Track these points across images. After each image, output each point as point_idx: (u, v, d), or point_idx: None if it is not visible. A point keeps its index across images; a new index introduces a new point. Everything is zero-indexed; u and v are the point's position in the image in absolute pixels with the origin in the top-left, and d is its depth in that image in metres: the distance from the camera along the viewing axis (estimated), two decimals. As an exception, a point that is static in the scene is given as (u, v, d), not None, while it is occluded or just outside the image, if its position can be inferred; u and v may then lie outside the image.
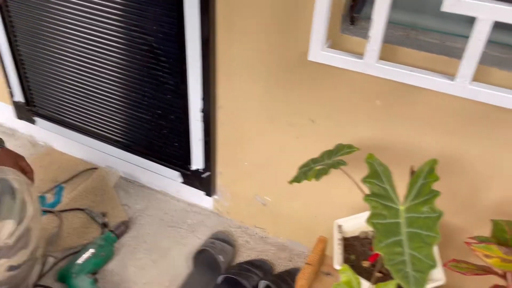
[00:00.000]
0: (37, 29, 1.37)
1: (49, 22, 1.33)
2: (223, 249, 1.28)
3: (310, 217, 1.26)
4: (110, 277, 1.25)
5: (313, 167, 0.87)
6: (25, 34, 1.42)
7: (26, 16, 1.37)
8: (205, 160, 1.31)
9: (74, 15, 1.26)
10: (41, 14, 1.33)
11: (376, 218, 0.70)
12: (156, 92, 1.26)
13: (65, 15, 1.28)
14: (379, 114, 0.99)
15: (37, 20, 1.35)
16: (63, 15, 1.28)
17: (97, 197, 1.47)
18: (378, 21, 0.81)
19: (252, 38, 1.04)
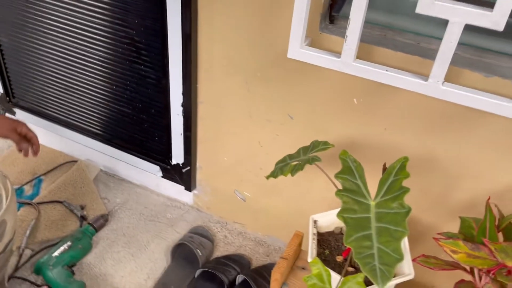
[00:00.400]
0: (19, 19, 1.36)
1: (31, 12, 1.32)
2: (201, 244, 1.29)
3: (288, 213, 1.27)
4: (87, 269, 1.25)
5: (289, 163, 0.88)
6: (6, 23, 1.40)
7: (7, 5, 1.35)
8: (185, 155, 1.32)
9: (56, 6, 1.25)
10: (23, 4, 1.31)
11: (347, 212, 0.71)
12: (137, 86, 1.26)
13: (47, 6, 1.27)
14: (355, 112, 1.01)
15: (19, 10, 1.34)
16: (45, 5, 1.27)
17: (77, 190, 1.46)
18: (355, 21, 0.83)
19: (232, 35, 1.05)
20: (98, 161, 1.56)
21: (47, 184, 1.49)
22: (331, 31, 0.96)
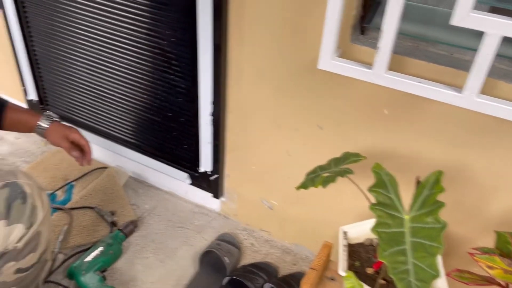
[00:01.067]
0: (53, 30, 1.40)
1: (64, 23, 1.36)
2: (229, 251, 1.30)
3: (315, 222, 1.27)
4: (118, 275, 1.27)
5: (320, 174, 0.88)
6: (41, 34, 1.45)
7: (42, 16, 1.40)
8: (214, 163, 1.34)
9: (89, 17, 1.29)
10: (57, 15, 1.36)
11: (381, 227, 0.71)
12: (167, 95, 1.28)
13: (80, 17, 1.31)
14: (386, 123, 1.00)
15: (53, 21, 1.38)
16: (78, 17, 1.31)
17: (107, 196, 1.49)
18: (388, 32, 0.83)
19: (262, 45, 1.06)
20: (128, 168, 1.59)
21: (78, 189, 1.52)
22: (361, 42, 0.96)
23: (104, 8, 1.24)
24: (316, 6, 0.94)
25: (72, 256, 1.30)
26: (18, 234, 0.92)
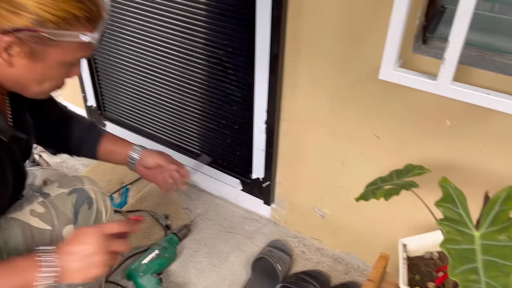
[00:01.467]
0: (113, 38, 1.46)
1: (124, 32, 1.42)
2: (281, 258, 1.31)
3: (369, 232, 1.26)
4: (173, 278, 1.31)
5: (382, 187, 0.87)
6: (101, 43, 1.51)
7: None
8: (266, 170, 1.35)
9: (147, 27, 1.34)
10: (117, 25, 1.42)
11: (449, 243, 0.70)
12: (222, 103, 1.31)
13: (138, 26, 1.36)
14: (448, 135, 0.98)
15: (113, 31, 1.44)
16: (137, 26, 1.36)
17: (161, 199, 1.54)
18: (455, 43, 0.81)
19: (320, 55, 1.07)
20: (180, 172, 1.63)
21: (134, 193, 1.58)
22: (424, 52, 0.94)
23: (162, 18, 1.28)
24: (377, 16, 0.93)
25: (129, 257, 1.35)
26: None
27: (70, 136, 1.08)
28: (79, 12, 0.72)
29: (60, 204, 0.92)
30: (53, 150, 1.13)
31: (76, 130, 1.09)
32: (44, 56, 0.74)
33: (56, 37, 0.71)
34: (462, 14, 0.78)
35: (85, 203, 0.97)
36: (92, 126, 1.12)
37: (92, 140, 1.10)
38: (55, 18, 0.70)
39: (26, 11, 0.68)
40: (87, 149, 1.11)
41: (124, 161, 1.11)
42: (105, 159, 1.12)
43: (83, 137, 1.10)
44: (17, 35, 0.69)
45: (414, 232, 1.16)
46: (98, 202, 1.00)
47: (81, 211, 0.96)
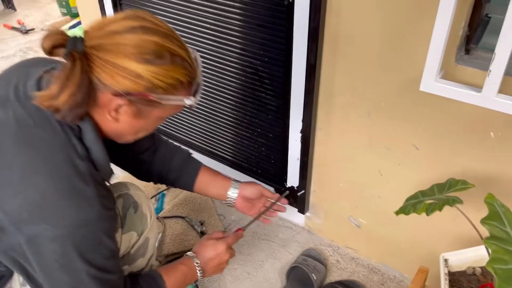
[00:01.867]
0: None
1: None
2: (315, 268, 1.30)
3: (406, 243, 1.24)
4: (208, 284, 1.33)
5: (423, 201, 0.86)
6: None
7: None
8: (301, 178, 1.35)
9: (182, 36, 1.36)
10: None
11: (496, 263, 0.68)
12: (257, 112, 1.32)
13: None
14: (492, 147, 0.95)
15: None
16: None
17: (196, 206, 1.56)
18: (502, 54, 0.79)
19: (358, 65, 1.06)
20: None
21: (169, 199, 1.61)
22: (467, 62, 0.92)
23: (199, 28, 1.30)
24: (418, 26, 0.92)
25: (166, 263, 1.37)
26: (132, 240, 1.00)
27: (169, 169, 1.14)
28: (184, 78, 0.78)
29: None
30: (151, 181, 1.19)
31: (175, 164, 1.14)
32: (147, 114, 0.81)
33: (163, 101, 0.78)
34: (509, 26, 0.76)
35: (131, 207, 1.01)
36: (190, 158, 1.18)
37: (191, 173, 1.16)
38: (165, 85, 0.76)
39: (141, 79, 0.74)
40: (185, 182, 1.17)
41: (221, 195, 1.17)
42: (200, 191, 1.18)
43: (182, 170, 1.15)
44: (129, 98, 0.76)
45: (453, 245, 1.14)
46: (143, 206, 1.04)
47: (128, 215, 1.00)
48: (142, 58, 0.73)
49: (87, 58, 0.73)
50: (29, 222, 0.72)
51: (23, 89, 0.79)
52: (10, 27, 3.13)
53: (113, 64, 0.73)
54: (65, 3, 3.20)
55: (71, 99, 0.73)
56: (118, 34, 0.74)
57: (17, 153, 0.74)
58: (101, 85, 0.74)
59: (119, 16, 0.77)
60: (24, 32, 3.06)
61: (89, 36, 0.75)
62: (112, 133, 0.84)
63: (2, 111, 0.77)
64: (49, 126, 0.76)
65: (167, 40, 0.76)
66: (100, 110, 0.78)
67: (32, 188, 0.73)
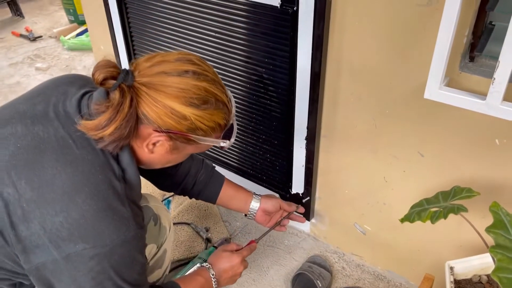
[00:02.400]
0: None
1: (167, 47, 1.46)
2: (321, 274, 1.30)
3: (412, 250, 1.23)
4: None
5: (428, 208, 0.86)
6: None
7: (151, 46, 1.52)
8: (306, 185, 1.35)
9: (187, 44, 1.37)
10: (157, 43, 1.46)
11: (501, 272, 0.68)
12: (262, 119, 1.33)
13: (178, 44, 1.40)
14: (497, 155, 0.95)
15: (156, 51, 1.49)
16: (176, 44, 1.40)
17: (201, 212, 1.57)
18: (506, 62, 0.79)
19: (362, 72, 1.06)
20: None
21: (175, 205, 1.62)
22: (471, 70, 0.92)
23: (203, 36, 1.31)
24: (422, 34, 0.92)
25: (172, 270, 1.38)
26: (151, 252, 1.01)
27: (195, 182, 1.18)
28: (222, 121, 0.82)
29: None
30: (172, 192, 1.23)
31: (201, 178, 1.18)
32: (182, 150, 0.84)
33: (201, 141, 0.82)
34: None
35: (151, 220, 1.03)
36: (214, 171, 1.21)
37: (215, 187, 1.20)
38: (206, 127, 0.80)
39: (185, 120, 0.77)
40: (208, 195, 1.20)
41: (243, 208, 1.22)
42: (222, 204, 1.22)
43: (207, 184, 1.19)
44: (169, 135, 0.79)
45: (459, 252, 1.13)
46: (162, 218, 1.06)
47: (148, 228, 1.01)
48: (189, 102, 0.77)
49: (135, 93, 0.76)
50: (69, 241, 0.73)
51: (63, 108, 0.81)
52: (18, 34, 3.17)
53: (161, 103, 0.76)
54: (72, 10, 3.23)
55: (117, 132, 0.75)
56: (171, 76, 0.77)
57: (58, 171, 0.74)
58: (145, 119, 0.77)
59: (172, 56, 0.80)
60: (32, 40, 3.10)
61: (140, 72, 0.77)
62: (144, 161, 0.86)
63: (42, 128, 0.78)
64: (89, 146, 0.78)
65: (213, 86, 0.80)
66: (138, 140, 0.81)
67: (73, 207, 0.73)
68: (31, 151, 0.75)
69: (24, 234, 0.74)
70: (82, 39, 2.96)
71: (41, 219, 0.73)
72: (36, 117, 0.79)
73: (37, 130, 0.77)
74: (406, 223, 1.19)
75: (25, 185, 0.73)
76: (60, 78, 0.90)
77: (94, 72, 0.76)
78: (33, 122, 0.78)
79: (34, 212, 0.73)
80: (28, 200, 0.73)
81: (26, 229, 0.74)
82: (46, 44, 3.07)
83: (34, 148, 0.76)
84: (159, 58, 0.79)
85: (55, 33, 3.12)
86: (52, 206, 0.73)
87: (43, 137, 0.77)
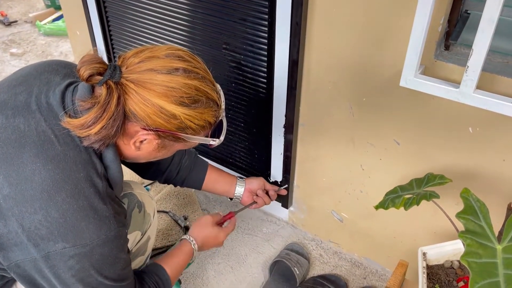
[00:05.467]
0: (131, 38, 1.48)
1: (141, 34, 1.43)
2: (298, 262, 1.31)
3: (388, 237, 1.25)
4: (191, 279, 1.33)
5: (402, 195, 0.87)
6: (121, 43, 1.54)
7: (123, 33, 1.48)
8: (284, 173, 1.35)
9: (161, 33, 1.35)
10: (134, 27, 1.43)
11: (470, 256, 0.69)
12: (241, 106, 1.32)
13: (154, 30, 1.37)
14: (470, 143, 0.96)
15: (131, 34, 1.46)
16: (152, 30, 1.38)
17: (179, 201, 1.56)
18: (479, 51, 0.79)
19: (339, 60, 1.06)
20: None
21: (153, 193, 1.60)
22: (446, 58, 0.93)
23: (180, 21, 1.29)
24: (398, 22, 0.92)
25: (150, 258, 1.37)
26: (135, 240, 1.01)
27: (179, 169, 1.16)
28: (212, 119, 0.81)
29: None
30: (156, 180, 1.22)
31: (185, 164, 1.17)
32: (170, 148, 0.83)
33: (190, 140, 0.80)
34: (486, 22, 0.76)
35: (136, 207, 1.02)
36: (197, 157, 1.20)
37: (200, 172, 1.19)
38: (196, 126, 0.78)
39: (175, 119, 0.75)
40: (194, 181, 1.20)
41: (228, 191, 1.23)
42: (207, 189, 1.22)
43: (191, 169, 1.18)
44: (158, 133, 0.77)
45: (434, 238, 1.15)
46: (146, 205, 1.06)
47: (133, 215, 1.01)
48: (179, 101, 0.75)
49: (123, 90, 0.73)
50: (48, 239, 0.72)
51: (46, 100, 0.78)
52: (-8, 19, 3.07)
53: (150, 101, 0.73)
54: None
55: (104, 131, 0.73)
56: (160, 74, 0.74)
57: (38, 168, 0.72)
58: (132, 117, 0.75)
59: (161, 51, 0.77)
60: (7, 24, 3.01)
61: (128, 68, 0.75)
62: (129, 157, 0.85)
63: (22, 121, 0.75)
64: (72, 143, 0.76)
65: (204, 84, 0.78)
66: (124, 138, 0.79)
67: (53, 206, 0.72)
68: (11, 145, 0.73)
69: (1, 231, 0.72)
70: (59, 24, 2.88)
71: (19, 216, 0.71)
72: (17, 108, 0.76)
73: (18, 122, 0.75)
74: (382, 211, 1.20)
75: (2, 181, 0.71)
76: (43, 64, 0.87)
77: (79, 68, 0.73)
78: (14, 114, 0.75)
79: (12, 210, 0.71)
80: (5, 197, 0.71)
81: (3, 226, 0.72)
82: (22, 29, 2.99)
83: (14, 142, 0.73)
84: (148, 54, 0.76)
85: (31, 18, 3.03)
86: (30, 203, 0.71)
87: (24, 131, 0.74)
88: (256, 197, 1.24)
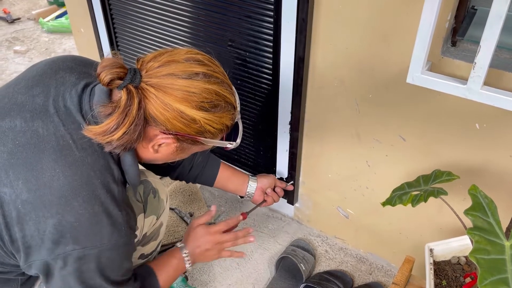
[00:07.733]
0: (136, 39, 1.48)
1: (149, 32, 1.43)
2: (304, 258, 1.32)
3: (393, 233, 1.25)
4: (198, 275, 1.33)
5: (409, 192, 0.87)
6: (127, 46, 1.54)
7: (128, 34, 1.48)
8: (290, 170, 1.35)
9: (167, 31, 1.35)
10: (141, 26, 1.43)
11: (479, 253, 0.69)
12: (246, 103, 1.32)
13: (161, 29, 1.37)
14: (477, 139, 0.96)
15: (138, 33, 1.46)
16: (159, 28, 1.38)
17: (185, 197, 1.56)
18: (487, 47, 0.79)
19: (345, 56, 1.06)
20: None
21: (159, 190, 1.61)
22: (453, 55, 0.93)
23: (185, 19, 1.29)
24: (405, 18, 0.92)
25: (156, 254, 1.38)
26: (151, 223, 1.03)
27: (192, 165, 1.18)
28: (229, 122, 0.81)
29: (132, 195, 0.98)
30: (168, 176, 1.22)
31: (199, 160, 1.18)
32: (188, 150, 0.84)
33: (208, 143, 0.81)
34: (494, 17, 0.76)
35: (151, 193, 1.04)
36: (210, 154, 1.21)
37: (213, 169, 1.20)
38: (214, 130, 0.79)
39: (195, 124, 0.76)
40: (206, 178, 1.21)
41: (240, 190, 1.24)
42: (219, 186, 1.23)
43: (204, 166, 1.19)
44: (177, 137, 0.77)
45: (440, 234, 1.15)
46: (160, 192, 1.07)
47: (149, 200, 1.03)
48: (199, 106, 0.75)
49: (143, 94, 0.73)
50: (60, 243, 0.74)
51: (63, 103, 0.79)
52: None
53: (170, 106, 0.74)
54: (51, -8, 3.15)
55: (126, 136, 0.74)
56: (180, 78, 0.74)
57: (57, 174, 0.73)
58: (152, 121, 0.75)
59: (180, 55, 0.77)
60: (10, 22, 3.01)
61: (148, 72, 0.75)
62: (147, 160, 0.86)
63: (41, 124, 0.76)
64: (90, 148, 0.76)
65: (223, 89, 0.79)
66: (143, 141, 0.79)
67: (69, 211, 0.73)
68: (30, 150, 0.74)
69: (17, 235, 0.74)
70: (62, 21, 2.88)
71: (36, 220, 0.73)
72: (36, 111, 0.77)
73: (37, 126, 0.76)
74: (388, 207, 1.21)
75: (22, 186, 0.73)
76: (57, 61, 0.87)
77: (100, 72, 0.73)
78: (32, 117, 0.76)
79: (29, 214, 0.73)
80: (24, 202, 0.73)
81: (19, 230, 0.74)
82: (25, 26, 2.99)
83: (33, 147, 0.74)
84: (167, 57, 0.76)
85: (34, 15, 3.03)
86: (48, 208, 0.73)
87: (43, 135, 0.75)
88: (266, 195, 1.25)
